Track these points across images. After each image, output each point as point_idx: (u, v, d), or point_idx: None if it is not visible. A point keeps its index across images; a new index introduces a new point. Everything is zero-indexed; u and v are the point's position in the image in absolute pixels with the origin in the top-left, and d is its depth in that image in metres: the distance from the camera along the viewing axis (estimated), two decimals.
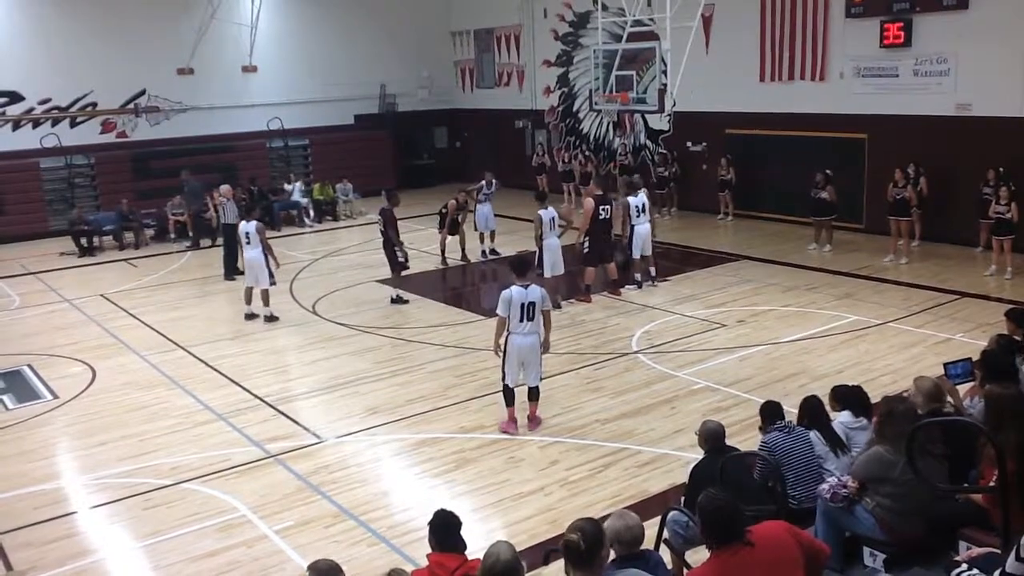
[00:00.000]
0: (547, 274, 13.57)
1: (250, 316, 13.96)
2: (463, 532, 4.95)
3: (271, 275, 13.72)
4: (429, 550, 4.96)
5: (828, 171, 16.65)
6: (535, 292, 9.08)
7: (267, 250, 13.63)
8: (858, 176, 17.84)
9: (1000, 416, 5.16)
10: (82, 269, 18.77)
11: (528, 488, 8.08)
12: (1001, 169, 14.71)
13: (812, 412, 6.36)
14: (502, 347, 9.28)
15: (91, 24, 22.12)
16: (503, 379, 9.30)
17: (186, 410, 10.44)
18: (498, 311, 9.09)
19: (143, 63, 22.84)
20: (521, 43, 25.87)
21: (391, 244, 14.46)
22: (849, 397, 6.56)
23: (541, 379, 9.43)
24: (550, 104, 25.36)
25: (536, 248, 13.87)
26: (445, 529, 4.93)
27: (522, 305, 8.98)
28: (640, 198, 14.63)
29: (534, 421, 9.45)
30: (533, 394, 9.41)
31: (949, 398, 6.44)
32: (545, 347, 9.41)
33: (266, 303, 13.92)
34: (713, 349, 11.67)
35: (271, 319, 13.85)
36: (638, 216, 14.53)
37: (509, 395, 9.33)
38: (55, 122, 22.41)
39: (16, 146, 21.77)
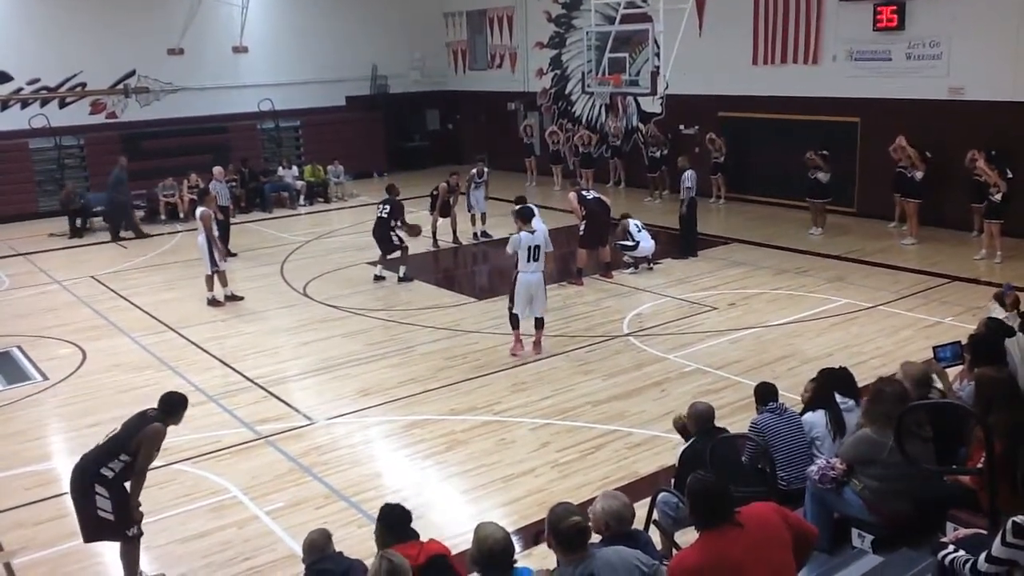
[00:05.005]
0: None
1: (212, 302, 13.86)
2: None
3: (213, 261, 13.64)
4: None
5: (825, 152, 16.63)
6: (540, 236, 10.68)
7: (209, 237, 13.55)
8: (850, 160, 17.85)
9: (990, 398, 5.18)
10: (72, 250, 18.67)
11: (519, 470, 8.09)
12: (994, 152, 14.71)
13: (827, 391, 6.32)
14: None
15: (80, 3, 21.88)
16: (510, 308, 10.87)
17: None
18: (507, 250, 10.72)
19: (133, 43, 22.59)
20: (514, 24, 25.73)
21: (391, 228, 14.57)
22: (839, 379, 6.57)
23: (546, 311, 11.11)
24: (542, 86, 25.27)
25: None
26: (403, 521, 4.88)
27: (529, 247, 10.57)
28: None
29: (539, 345, 11.01)
30: (539, 323, 11.00)
31: (939, 382, 6.46)
32: None
33: (209, 287, 13.89)
34: (704, 332, 11.69)
35: (213, 303, 13.81)
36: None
37: (515, 321, 10.91)
38: (44, 103, 22.20)
39: (5, 127, 21.57)
